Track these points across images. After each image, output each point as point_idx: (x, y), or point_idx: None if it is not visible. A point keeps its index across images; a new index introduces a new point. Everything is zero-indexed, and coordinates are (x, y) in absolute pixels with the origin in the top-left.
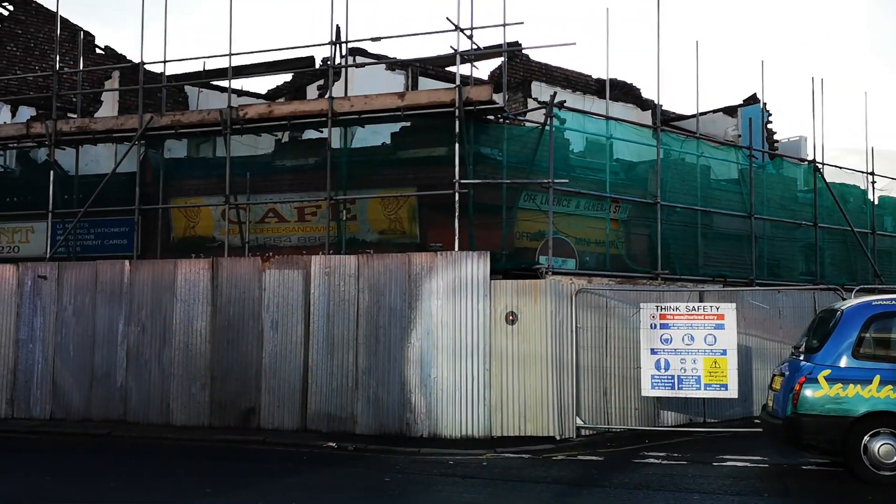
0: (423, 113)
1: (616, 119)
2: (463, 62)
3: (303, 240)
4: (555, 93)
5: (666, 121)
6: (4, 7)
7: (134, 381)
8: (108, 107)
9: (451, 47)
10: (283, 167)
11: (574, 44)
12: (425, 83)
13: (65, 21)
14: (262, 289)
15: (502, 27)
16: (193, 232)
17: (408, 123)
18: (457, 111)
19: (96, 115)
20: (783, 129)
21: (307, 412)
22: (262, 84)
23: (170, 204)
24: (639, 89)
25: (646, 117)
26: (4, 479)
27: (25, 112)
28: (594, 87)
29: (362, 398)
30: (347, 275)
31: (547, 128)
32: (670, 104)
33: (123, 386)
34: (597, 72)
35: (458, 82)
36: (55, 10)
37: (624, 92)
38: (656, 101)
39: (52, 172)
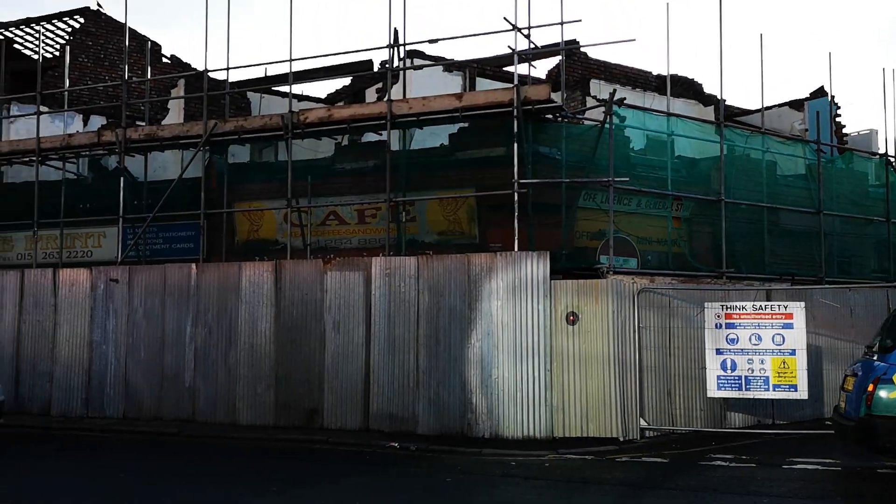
0: (480, 113)
1: (677, 115)
2: (520, 62)
3: (363, 241)
4: (614, 90)
5: (729, 116)
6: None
7: (202, 382)
8: (175, 114)
9: (509, 47)
10: (342, 170)
11: (634, 40)
12: (482, 83)
13: (133, 32)
14: (323, 290)
15: (560, 25)
16: (257, 235)
17: (466, 124)
18: (515, 111)
19: (163, 122)
20: (852, 122)
21: (369, 412)
22: (322, 88)
23: (234, 208)
24: (701, 85)
25: (708, 113)
26: (83, 476)
27: (96, 121)
28: (654, 83)
29: (423, 398)
30: (407, 276)
31: (606, 126)
32: (734, 99)
33: (192, 386)
34: (657, 68)
35: (515, 82)
36: (124, 22)
37: (685, 88)
38: (719, 97)
39: (122, 179)
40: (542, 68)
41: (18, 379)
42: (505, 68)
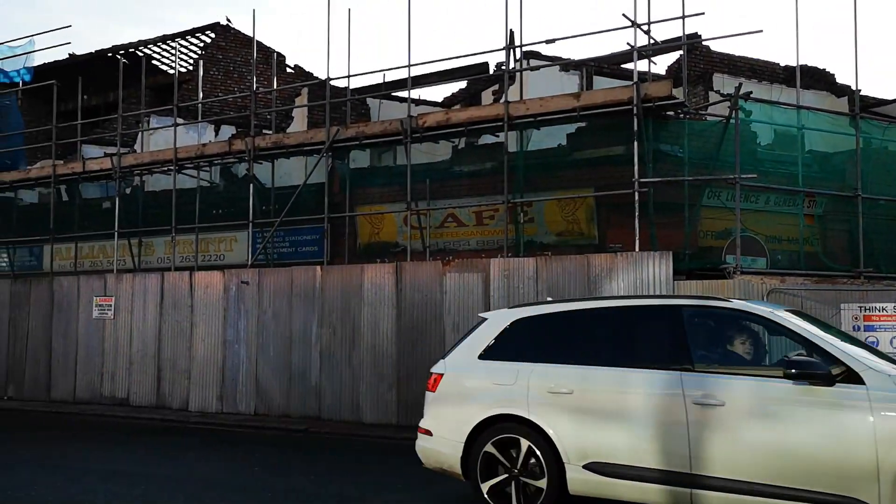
0: (599, 112)
1: (808, 108)
2: (640, 58)
3: (481, 243)
4: (740, 84)
5: (865, 107)
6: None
7: (327, 381)
8: (299, 122)
9: (628, 44)
10: (460, 172)
11: (760, 31)
12: (600, 82)
13: (259, 44)
14: (443, 292)
15: (681, 20)
16: (378, 238)
17: (584, 124)
18: (634, 108)
19: (288, 130)
20: None
21: None
22: (439, 92)
23: (355, 211)
24: (832, 75)
25: (841, 104)
26: (219, 468)
27: (226, 131)
28: (782, 75)
29: None
30: (526, 277)
31: (732, 121)
32: (869, 89)
33: (318, 385)
34: (785, 59)
35: (635, 79)
36: (252, 36)
37: (815, 79)
38: (854, 87)
39: (251, 185)
40: (661, 64)
41: (160, 376)
42: (623, 66)
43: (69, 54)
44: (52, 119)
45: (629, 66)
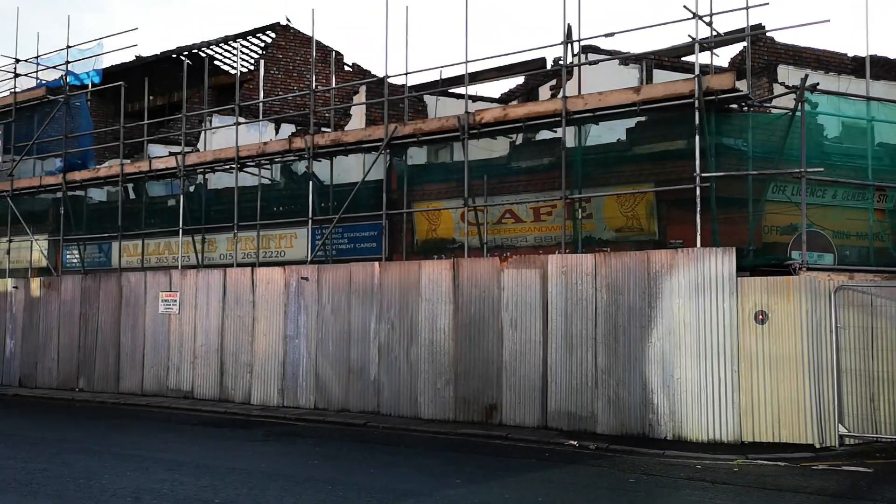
0: (659, 106)
1: (878, 99)
2: (702, 50)
3: (539, 239)
4: (806, 75)
5: None
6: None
7: (385, 376)
8: (357, 119)
9: (689, 36)
10: (518, 168)
11: (827, 21)
12: (660, 75)
13: (318, 44)
14: (500, 288)
15: (745, 10)
16: (435, 234)
17: (643, 118)
18: (696, 102)
19: (346, 127)
20: None
21: (547, 409)
22: (496, 88)
23: (413, 208)
24: None
25: None
26: (280, 460)
27: (286, 129)
28: (850, 66)
29: (602, 397)
30: (584, 273)
31: (797, 113)
32: None
33: (376, 380)
34: (853, 49)
35: (697, 72)
36: (311, 35)
37: (886, 69)
38: None
39: (310, 183)
40: (724, 56)
41: (223, 369)
42: (684, 58)
43: (136, 56)
44: (119, 119)
45: (690, 58)
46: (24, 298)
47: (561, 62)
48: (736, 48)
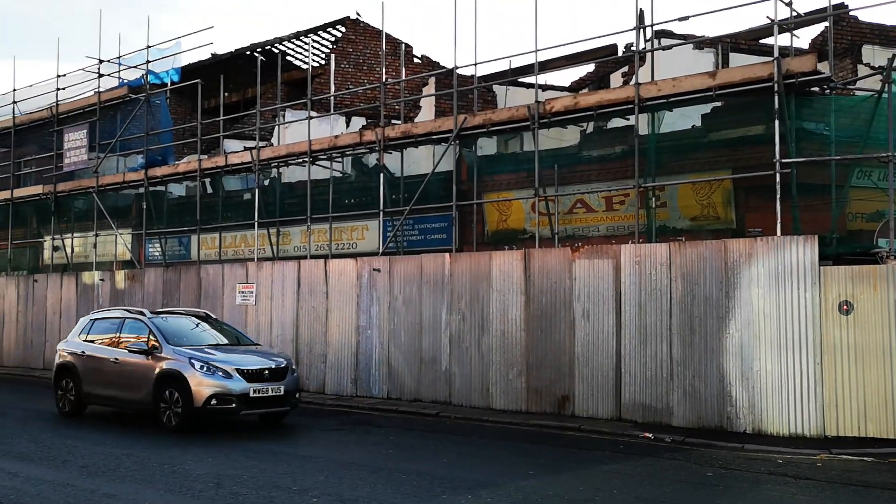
0: (737, 91)
1: None
2: (781, 32)
3: (611, 229)
4: (893, 55)
5: None
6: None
7: (457, 367)
8: (426, 111)
9: (768, 17)
10: (589, 157)
11: None
12: (737, 59)
13: (387, 36)
14: (572, 278)
15: None
16: (506, 225)
17: (720, 103)
18: (776, 86)
19: (416, 119)
20: None
21: (621, 401)
22: (566, 77)
23: (483, 199)
24: None
25: None
26: (355, 450)
27: (357, 122)
28: None
29: (677, 389)
30: (658, 263)
31: (884, 95)
32: None
33: (448, 370)
34: None
35: (776, 54)
36: (380, 28)
37: None
38: None
39: (381, 175)
40: (805, 37)
41: (297, 359)
42: (762, 41)
43: (211, 54)
44: (196, 116)
45: (769, 40)
46: (110, 290)
47: (633, 48)
48: (817, 29)
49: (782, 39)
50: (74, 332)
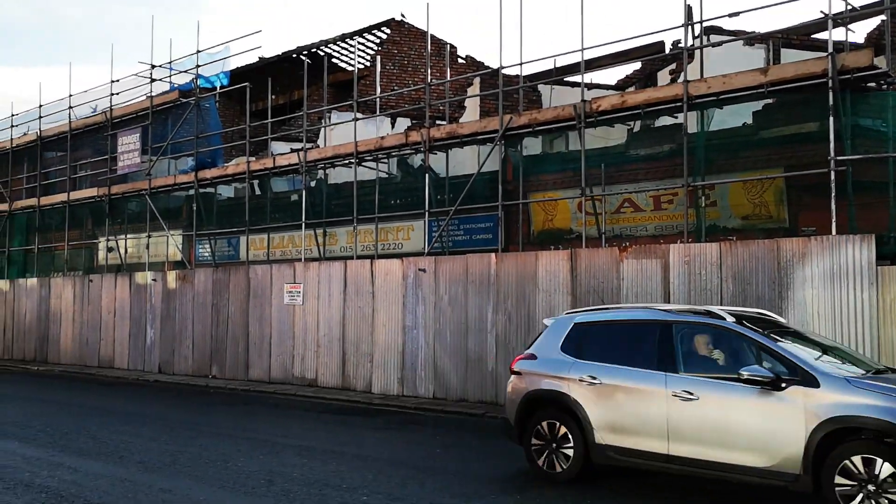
0: (789, 87)
1: None
2: (835, 26)
3: (659, 228)
4: None
5: None
6: (402, 15)
7: (503, 367)
8: (471, 111)
9: (821, 11)
10: (636, 156)
11: None
12: (789, 55)
13: (432, 37)
14: (619, 278)
15: None
16: (551, 224)
17: (771, 100)
18: (830, 81)
19: (461, 120)
20: None
21: None
22: (612, 75)
23: (529, 199)
24: None
25: None
26: (402, 449)
27: (402, 123)
28: None
29: None
30: (709, 263)
31: None
32: None
33: (494, 370)
34: None
35: (830, 49)
36: (424, 29)
37: None
38: None
39: (427, 176)
40: (860, 31)
41: (344, 359)
42: (816, 35)
43: (259, 57)
44: (244, 119)
45: (822, 35)
46: (162, 290)
47: (681, 45)
48: (873, 22)
49: (837, 34)
50: (545, 343)
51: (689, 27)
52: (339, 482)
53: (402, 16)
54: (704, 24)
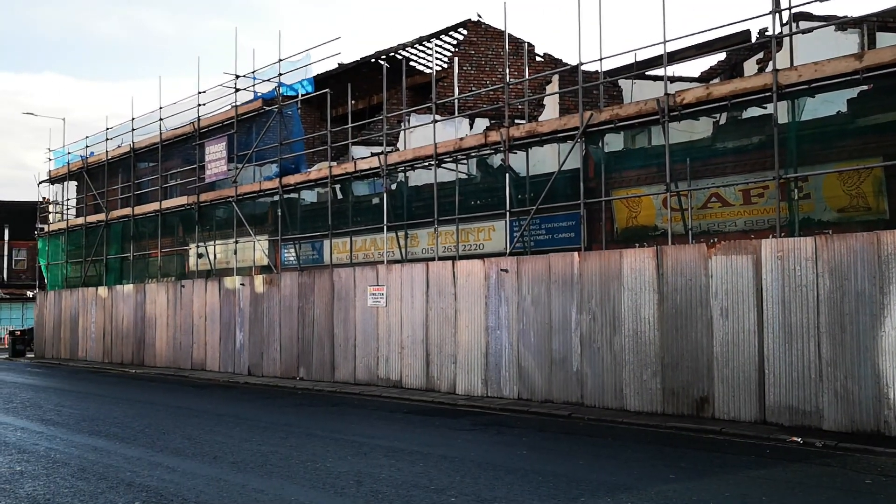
0: (886, 73)
1: None
2: None
3: (749, 223)
4: None
5: None
6: (479, 15)
7: (588, 367)
8: (550, 109)
9: None
10: (723, 149)
11: None
12: (884, 38)
13: (510, 36)
14: (708, 276)
15: None
16: (636, 222)
17: (867, 87)
18: None
19: (540, 118)
20: None
21: (765, 403)
22: (694, 67)
23: (611, 196)
24: None
25: None
26: (489, 450)
27: (480, 123)
28: None
29: (828, 391)
30: (803, 258)
31: None
32: None
33: (579, 371)
34: None
35: None
36: (502, 29)
37: None
38: None
39: (507, 175)
40: None
41: (428, 360)
42: None
43: (338, 64)
44: (325, 125)
45: None
46: (250, 294)
47: (768, 33)
48: None
49: None
50: None
51: (777, 14)
52: (427, 483)
53: (479, 16)
54: (793, 11)
